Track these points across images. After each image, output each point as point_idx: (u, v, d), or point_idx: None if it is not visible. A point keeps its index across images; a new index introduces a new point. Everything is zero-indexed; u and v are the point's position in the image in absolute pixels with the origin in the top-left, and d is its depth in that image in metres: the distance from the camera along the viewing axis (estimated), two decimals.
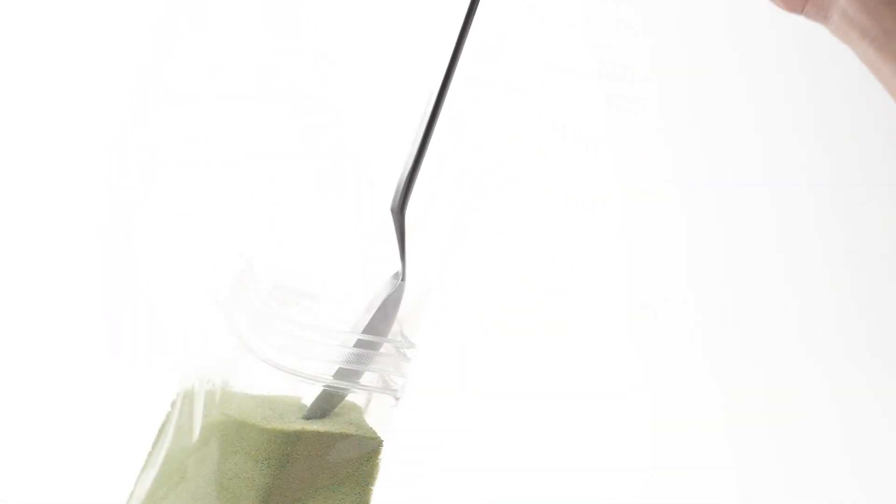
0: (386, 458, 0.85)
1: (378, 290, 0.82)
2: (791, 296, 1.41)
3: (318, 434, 0.81)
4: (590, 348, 1.40)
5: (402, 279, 0.81)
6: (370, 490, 0.83)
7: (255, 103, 1.43)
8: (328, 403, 0.82)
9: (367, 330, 0.81)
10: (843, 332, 1.39)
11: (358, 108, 1.42)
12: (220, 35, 1.45)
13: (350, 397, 0.83)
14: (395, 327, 0.84)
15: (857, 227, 1.43)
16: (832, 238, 1.41)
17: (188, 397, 0.83)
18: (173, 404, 0.84)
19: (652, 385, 1.38)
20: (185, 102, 1.40)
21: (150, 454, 0.85)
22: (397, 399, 0.84)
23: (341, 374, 0.81)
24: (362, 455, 0.82)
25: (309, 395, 0.83)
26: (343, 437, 0.81)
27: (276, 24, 1.48)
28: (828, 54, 1.46)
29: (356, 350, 0.82)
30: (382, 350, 0.83)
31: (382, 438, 0.82)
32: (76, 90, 1.41)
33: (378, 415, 0.84)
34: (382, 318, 0.81)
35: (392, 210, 0.81)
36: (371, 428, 0.82)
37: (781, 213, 1.43)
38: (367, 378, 0.83)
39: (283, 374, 0.81)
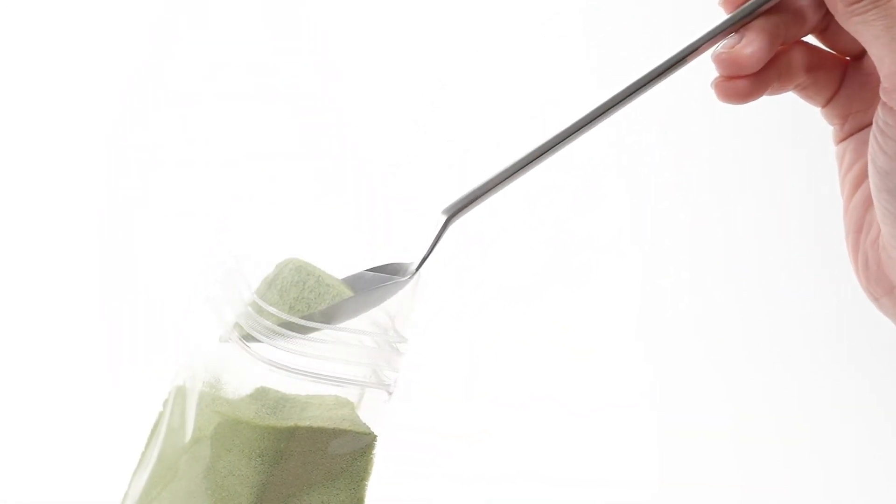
0: (387, 456, 0.85)
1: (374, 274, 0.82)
2: (795, 309, 1.40)
3: (311, 430, 0.81)
4: (605, 366, 1.39)
5: (412, 274, 0.81)
6: (365, 485, 0.83)
7: (247, 104, 1.43)
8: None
9: (344, 305, 0.81)
10: (847, 341, 1.38)
11: (351, 108, 1.42)
12: (217, 35, 1.45)
13: (343, 392, 0.83)
14: (386, 322, 0.84)
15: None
16: (836, 249, 1.40)
17: (180, 396, 0.83)
18: (165, 403, 0.84)
19: (662, 399, 1.37)
20: (177, 104, 1.41)
21: (143, 454, 0.85)
22: (390, 394, 0.84)
23: (333, 368, 0.81)
24: (356, 450, 0.82)
25: (301, 390, 0.83)
26: (337, 432, 0.82)
27: (276, 24, 1.48)
28: None
29: (347, 345, 0.82)
30: (374, 345, 0.83)
31: (376, 433, 0.82)
32: (72, 91, 1.41)
33: (371, 410, 0.84)
34: (364, 302, 0.81)
35: (444, 211, 0.80)
36: (365, 423, 0.82)
37: (785, 228, 1.43)
38: (360, 373, 0.83)
39: (274, 370, 0.81)
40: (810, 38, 0.79)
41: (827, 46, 0.80)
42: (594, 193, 1.46)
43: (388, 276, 0.82)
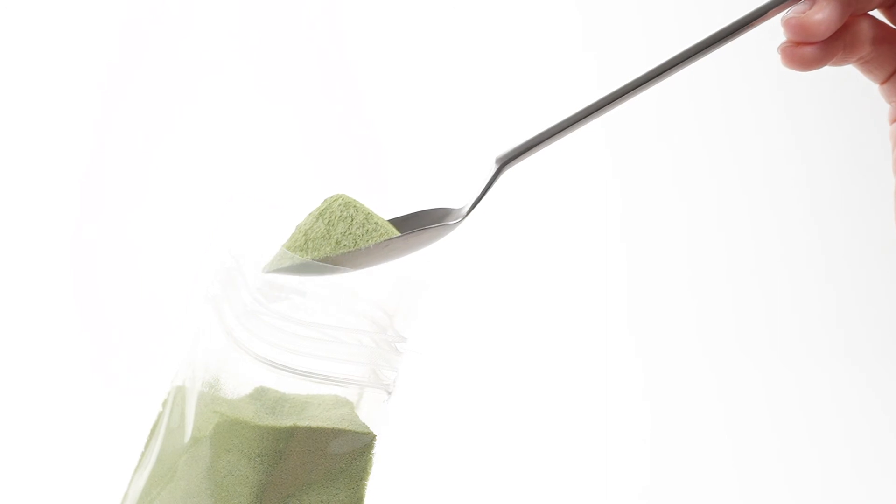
0: (383, 454, 0.85)
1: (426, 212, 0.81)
2: (791, 302, 1.40)
3: (310, 430, 0.81)
4: (606, 363, 1.38)
5: (462, 218, 0.80)
6: (364, 485, 0.83)
7: (246, 102, 1.43)
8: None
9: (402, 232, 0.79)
10: (844, 336, 1.38)
11: (350, 107, 1.42)
12: (215, 33, 1.45)
13: (342, 392, 0.83)
14: (385, 321, 0.84)
15: (857, 229, 1.42)
16: (832, 244, 1.40)
17: (179, 396, 0.83)
18: (164, 403, 0.84)
19: (663, 397, 1.37)
20: (178, 102, 1.41)
21: (142, 454, 0.85)
22: (389, 394, 0.84)
23: (332, 368, 0.81)
24: (356, 450, 0.82)
25: (300, 390, 0.83)
26: (336, 432, 0.81)
27: (274, 22, 1.48)
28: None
29: (346, 344, 0.82)
30: (373, 344, 0.83)
31: (375, 433, 0.82)
32: (72, 90, 1.41)
33: (370, 409, 0.84)
34: (411, 243, 0.79)
35: (497, 159, 0.79)
36: (364, 423, 0.82)
37: (781, 220, 1.43)
38: (359, 372, 0.83)
39: (273, 370, 0.81)
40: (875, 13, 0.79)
41: (893, 23, 0.81)
42: (595, 190, 1.46)
43: (437, 219, 0.81)
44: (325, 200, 0.81)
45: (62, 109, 1.40)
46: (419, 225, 0.80)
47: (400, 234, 0.79)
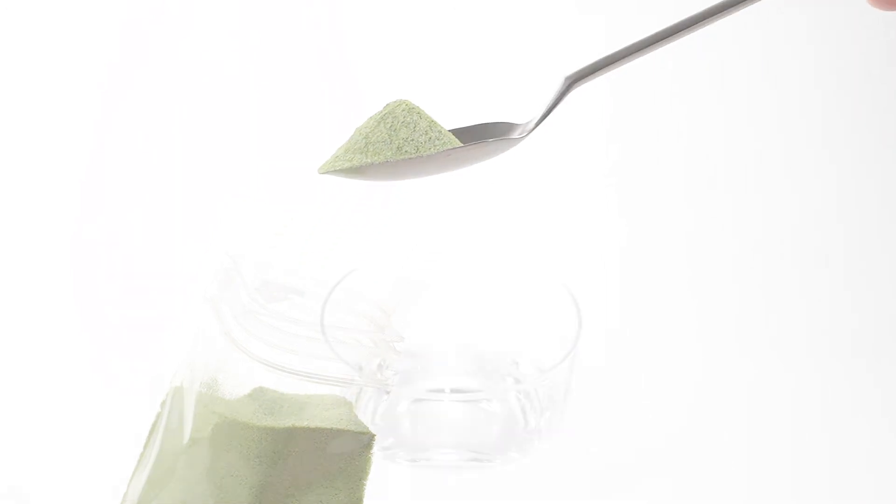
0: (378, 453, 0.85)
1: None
2: (791, 302, 1.40)
3: (309, 430, 0.81)
4: (606, 362, 1.38)
5: (528, 132, 0.79)
6: (363, 484, 0.83)
7: (246, 101, 1.43)
8: None
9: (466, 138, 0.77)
10: (844, 336, 1.38)
11: (348, 106, 1.42)
12: (219, 33, 1.45)
13: (340, 392, 0.83)
14: (384, 321, 0.84)
15: (857, 229, 1.42)
16: (832, 243, 1.40)
17: (178, 397, 0.83)
18: (163, 404, 0.84)
19: (655, 390, 1.36)
20: (177, 102, 1.40)
21: (141, 455, 0.85)
22: (387, 392, 0.84)
23: (330, 368, 0.81)
24: (355, 449, 0.82)
25: (299, 390, 0.83)
26: (335, 432, 0.81)
27: (276, 23, 1.48)
28: (829, 48, 1.46)
29: (344, 344, 0.82)
30: (371, 343, 0.83)
31: (374, 433, 0.82)
32: (72, 90, 1.41)
33: (369, 409, 0.84)
34: (474, 154, 0.77)
35: (566, 77, 0.78)
36: (362, 422, 0.82)
37: (781, 219, 1.43)
38: (357, 372, 0.83)
39: (272, 370, 0.81)
40: None
41: None
42: (593, 190, 1.46)
43: (500, 132, 0.79)
44: (388, 105, 0.79)
45: (62, 109, 1.40)
46: (481, 137, 0.79)
47: (462, 145, 0.77)
